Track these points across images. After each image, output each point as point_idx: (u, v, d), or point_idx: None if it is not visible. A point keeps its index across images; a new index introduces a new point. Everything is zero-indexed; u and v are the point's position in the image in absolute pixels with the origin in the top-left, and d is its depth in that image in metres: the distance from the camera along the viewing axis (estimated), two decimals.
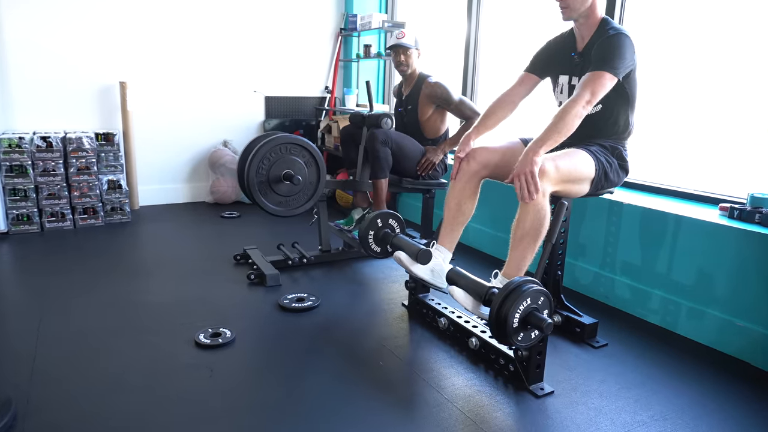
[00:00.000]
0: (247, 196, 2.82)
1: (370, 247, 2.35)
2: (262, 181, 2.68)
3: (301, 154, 2.77)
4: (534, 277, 1.81)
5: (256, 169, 2.64)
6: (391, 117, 2.89)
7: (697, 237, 2.21)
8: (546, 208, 1.83)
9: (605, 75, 1.80)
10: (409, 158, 2.98)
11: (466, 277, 1.88)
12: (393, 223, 2.38)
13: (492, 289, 1.77)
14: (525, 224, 1.83)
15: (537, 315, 1.62)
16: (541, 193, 1.79)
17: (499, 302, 1.61)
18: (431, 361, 2.01)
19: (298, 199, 2.81)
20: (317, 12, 4.61)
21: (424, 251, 2.05)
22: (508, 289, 1.62)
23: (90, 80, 3.86)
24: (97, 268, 2.86)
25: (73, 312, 2.31)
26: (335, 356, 2.02)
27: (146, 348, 2.02)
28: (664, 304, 2.32)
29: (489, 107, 2.16)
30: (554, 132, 1.78)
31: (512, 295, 1.60)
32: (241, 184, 2.83)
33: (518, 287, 1.62)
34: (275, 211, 2.74)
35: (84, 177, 3.53)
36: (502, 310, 1.59)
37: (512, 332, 1.61)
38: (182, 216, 4.03)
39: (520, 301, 1.60)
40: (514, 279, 1.66)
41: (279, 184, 2.71)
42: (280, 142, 2.69)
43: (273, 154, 2.68)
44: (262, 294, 2.57)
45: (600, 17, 1.95)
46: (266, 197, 2.71)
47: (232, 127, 4.47)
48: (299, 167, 2.75)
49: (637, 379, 1.91)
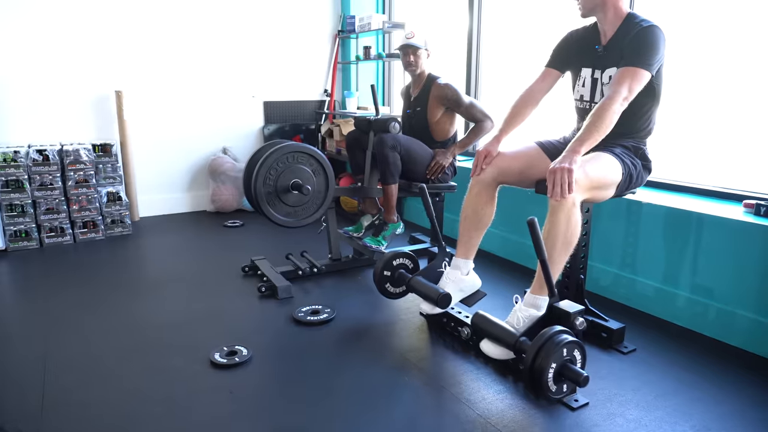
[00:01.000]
0: (254, 208, 2.74)
1: (389, 291, 2.36)
2: (270, 192, 2.60)
3: (309, 162, 2.69)
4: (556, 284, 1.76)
5: (263, 180, 2.56)
6: (398, 121, 2.82)
7: (723, 235, 2.16)
8: (579, 217, 1.77)
9: (640, 71, 1.75)
10: (419, 162, 2.91)
11: (493, 326, 1.82)
12: (405, 261, 2.36)
13: (521, 338, 1.72)
14: (557, 235, 1.76)
15: (572, 369, 1.58)
16: (571, 201, 1.73)
17: (532, 357, 1.56)
18: (458, 373, 1.94)
19: (308, 209, 2.73)
20: (313, 14, 4.52)
21: (443, 296, 2.05)
22: (540, 342, 1.57)
23: (85, 90, 3.76)
24: (101, 284, 2.77)
25: (79, 334, 2.22)
26: (358, 372, 1.94)
27: (160, 371, 1.93)
28: (690, 305, 2.27)
29: (513, 107, 2.10)
30: (594, 131, 1.72)
31: (545, 349, 1.56)
32: (248, 196, 2.74)
33: (550, 340, 1.57)
34: (285, 222, 2.66)
35: (83, 190, 3.43)
36: (536, 365, 1.56)
37: (547, 387, 1.56)
38: (184, 226, 3.94)
39: (554, 356, 1.56)
40: (545, 331, 1.60)
41: (287, 194, 2.64)
42: (286, 151, 2.61)
43: (280, 164, 2.60)
44: (274, 307, 2.49)
45: (625, 12, 1.89)
46: (275, 208, 2.64)
47: (231, 134, 4.38)
48: (307, 176, 2.68)
49: (672, 386, 1.84)
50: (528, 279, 2.78)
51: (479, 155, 2.04)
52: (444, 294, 2.04)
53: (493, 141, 2.07)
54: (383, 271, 2.30)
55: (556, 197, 1.72)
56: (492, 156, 2.03)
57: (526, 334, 1.74)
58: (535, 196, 2.11)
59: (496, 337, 1.79)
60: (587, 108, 2.04)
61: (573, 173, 1.69)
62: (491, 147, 2.05)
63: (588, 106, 2.03)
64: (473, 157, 3.68)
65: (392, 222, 2.93)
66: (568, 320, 1.69)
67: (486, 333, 1.84)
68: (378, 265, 2.31)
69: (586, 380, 1.54)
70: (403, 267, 2.35)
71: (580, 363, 1.63)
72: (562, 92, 2.20)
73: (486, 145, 2.06)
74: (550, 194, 1.75)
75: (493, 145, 2.05)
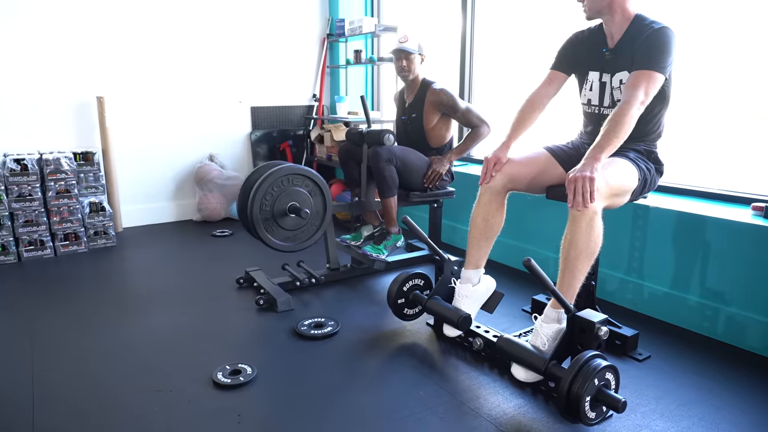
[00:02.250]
0: (251, 234, 2.62)
1: (405, 314, 2.29)
2: (267, 218, 2.51)
3: (304, 184, 2.60)
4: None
5: (259, 206, 2.46)
6: (392, 132, 2.74)
7: (732, 238, 2.14)
8: (600, 226, 1.73)
9: (655, 74, 1.72)
10: (415, 172, 2.84)
11: (520, 351, 1.76)
12: (417, 282, 2.29)
13: (552, 362, 1.67)
14: (579, 245, 1.71)
15: (609, 395, 1.52)
16: (593, 210, 1.68)
17: (568, 385, 1.50)
18: (474, 386, 1.86)
19: (306, 231, 2.65)
20: (301, 17, 4.43)
21: (464, 319, 1.99)
22: (574, 369, 1.51)
23: (65, 96, 3.59)
24: (87, 301, 2.62)
25: (68, 355, 2.08)
26: (370, 389, 1.86)
27: (160, 393, 1.81)
28: (700, 310, 2.24)
29: (520, 111, 2.04)
30: (613, 137, 1.68)
31: (580, 377, 1.50)
32: (245, 223, 2.64)
33: (585, 367, 1.51)
34: (284, 247, 2.59)
35: (64, 200, 3.27)
36: (572, 394, 1.50)
37: (584, 415, 1.50)
38: (170, 237, 3.79)
39: (590, 383, 1.50)
40: (579, 356, 1.55)
41: (284, 218, 2.55)
42: (281, 174, 2.51)
43: (275, 188, 2.51)
44: (275, 320, 2.39)
45: (633, 13, 1.86)
46: (272, 234, 2.55)
47: (217, 141, 4.25)
48: (304, 198, 2.58)
49: (694, 394, 1.81)
50: (532, 286, 2.75)
51: (488, 162, 1.98)
52: (464, 317, 1.99)
53: (502, 147, 2.00)
54: (397, 299, 2.24)
55: (578, 206, 1.67)
56: (502, 163, 1.97)
57: (555, 356, 1.68)
58: (538, 202, 2.06)
59: (525, 363, 1.73)
60: (596, 112, 2.00)
61: (595, 180, 1.64)
62: (500, 153, 1.98)
63: (597, 111, 1.99)
64: (470, 163, 3.67)
65: (394, 233, 2.86)
66: (591, 331, 1.64)
67: (514, 358, 1.78)
68: (391, 289, 2.24)
69: (624, 406, 1.49)
70: (417, 288, 2.29)
71: (614, 386, 1.59)
72: (564, 95, 2.16)
73: (495, 152, 2.00)
74: (570, 204, 1.69)
75: (502, 152, 1.99)
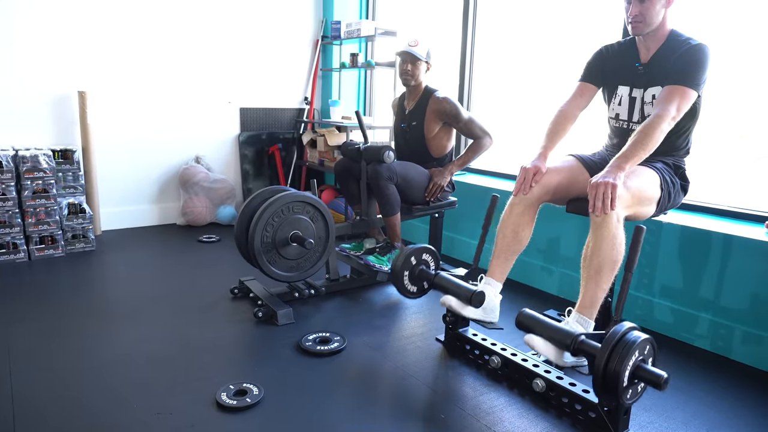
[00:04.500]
0: (253, 265, 2.48)
1: (406, 287, 2.15)
2: (269, 250, 2.38)
3: (305, 210, 2.47)
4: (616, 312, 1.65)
5: (260, 238, 2.33)
6: (392, 149, 2.64)
7: (746, 256, 2.12)
8: (623, 234, 1.69)
9: (689, 90, 1.70)
10: (416, 188, 2.76)
11: (544, 324, 1.67)
12: (428, 258, 2.17)
13: (580, 336, 1.57)
14: (602, 254, 1.66)
15: (649, 370, 1.45)
16: (615, 218, 1.65)
17: (605, 359, 1.41)
18: (496, 409, 1.77)
19: (310, 259, 2.52)
20: (294, 18, 4.30)
21: (478, 294, 1.87)
22: (612, 341, 1.43)
23: (43, 90, 3.37)
24: (68, 310, 2.42)
25: (52, 372, 1.90)
26: (389, 412, 1.74)
27: (159, 417, 1.65)
28: (714, 329, 2.21)
29: (553, 123, 1.98)
30: (640, 148, 1.66)
31: (619, 350, 1.41)
32: (245, 256, 2.51)
33: (623, 338, 1.43)
34: (288, 278, 2.47)
35: (41, 201, 3.05)
36: (610, 368, 1.41)
37: (623, 391, 1.42)
38: (153, 241, 3.59)
39: (630, 356, 1.42)
40: (616, 329, 1.47)
41: (286, 248, 2.42)
42: (282, 203, 2.37)
43: (276, 219, 2.37)
44: (276, 334, 2.25)
45: (669, 29, 1.82)
46: (275, 265, 2.42)
47: (204, 142, 4.07)
48: (305, 225, 2.46)
49: (719, 418, 1.76)
50: (530, 300, 2.69)
51: (527, 172, 1.90)
52: (478, 291, 1.86)
53: (540, 158, 1.93)
54: (403, 270, 2.12)
55: (597, 212, 1.63)
56: (542, 173, 1.90)
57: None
58: (541, 216, 2.01)
59: (549, 337, 1.63)
60: (624, 127, 1.96)
61: (617, 187, 1.62)
62: (540, 164, 1.90)
63: (625, 125, 1.95)
64: (469, 173, 3.59)
65: (399, 248, 2.76)
66: None
67: (536, 330, 1.67)
68: (397, 260, 2.12)
69: (667, 382, 1.42)
70: (424, 263, 2.17)
71: (652, 361, 1.51)
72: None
73: (534, 162, 1.91)
74: (591, 209, 1.66)
75: (541, 162, 1.91)
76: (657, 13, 1.76)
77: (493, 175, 3.48)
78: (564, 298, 2.74)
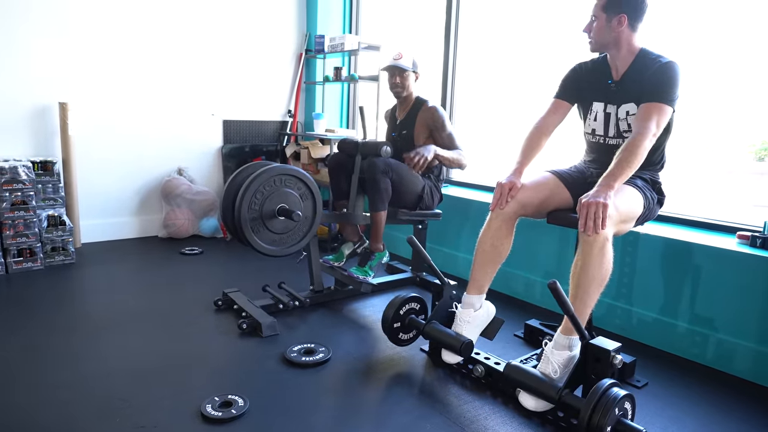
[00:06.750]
0: (233, 235, 2.50)
1: (401, 339, 2.23)
2: (255, 218, 2.38)
3: (296, 186, 2.50)
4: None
5: (248, 205, 2.33)
6: (389, 144, 2.69)
7: (720, 265, 2.19)
8: (611, 252, 1.74)
9: (665, 107, 1.77)
10: (408, 188, 2.78)
11: (531, 379, 1.72)
12: (413, 305, 2.23)
13: (564, 391, 1.63)
14: (591, 271, 1.70)
15: (629, 425, 1.51)
16: (605, 236, 1.69)
17: (588, 417, 1.47)
18: (480, 417, 1.79)
19: (293, 236, 2.53)
20: (277, 32, 4.34)
21: (466, 345, 1.95)
22: (593, 400, 1.48)
23: (24, 100, 3.34)
24: (48, 325, 2.38)
25: (33, 388, 1.87)
26: (375, 422, 1.75)
27: (143, 430, 1.64)
28: (689, 336, 2.28)
29: (528, 138, 2.04)
30: (626, 166, 1.71)
31: (600, 408, 1.47)
32: (227, 222, 2.50)
33: (604, 396, 1.49)
34: (269, 251, 2.44)
35: (20, 213, 3.00)
36: (592, 425, 1.46)
37: None
38: (134, 254, 3.55)
39: (610, 414, 1.47)
40: (598, 386, 1.52)
41: (273, 221, 2.42)
42: (274, 173, 2.40)
43: (267, 187, 2.39)
44: (260, 346, 2.25)
45: (638, 47, 1.90)
46: (259, 236, 2.41)
47: (187, 154, 4.06)
48: (294, 201, 2.48)
49: (696, 425, 1.80)
50: (523, 311, 2.73)
51: (503, 188, 1.95)
52: (467, 342, 1.93)
53: (515, 173, 1.98)
54: (393, 323, 2.17)
55: (589, 231, 1.67)
56: (517, 188, 1.95)
57: (567, 384, 1.64)
58: (525, 227, 2.07)
59: (536, 391, 1.69)
60: (600, 142, 2.02)
61: (608, 207, 1.65)
62: (515, 179, 1.96)
63: (602, 140, 2.01)
64: (450, 185, 3.65)
65: (378, 251, 2.78)
66: (607, 359, 1.61)
67: (523, 386, 1.74)
68: (387, 313, 2.16)
69: None
70: (413, 312, 2.22)
71: (631, 415, 1.56)
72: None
73: (509, 178, 1.97)
74: (582, 228, 1.69)
75: (516, 177, 1.97)
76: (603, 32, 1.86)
77: (475, 188, 3.53)
78: (545, 308, 2.79)
